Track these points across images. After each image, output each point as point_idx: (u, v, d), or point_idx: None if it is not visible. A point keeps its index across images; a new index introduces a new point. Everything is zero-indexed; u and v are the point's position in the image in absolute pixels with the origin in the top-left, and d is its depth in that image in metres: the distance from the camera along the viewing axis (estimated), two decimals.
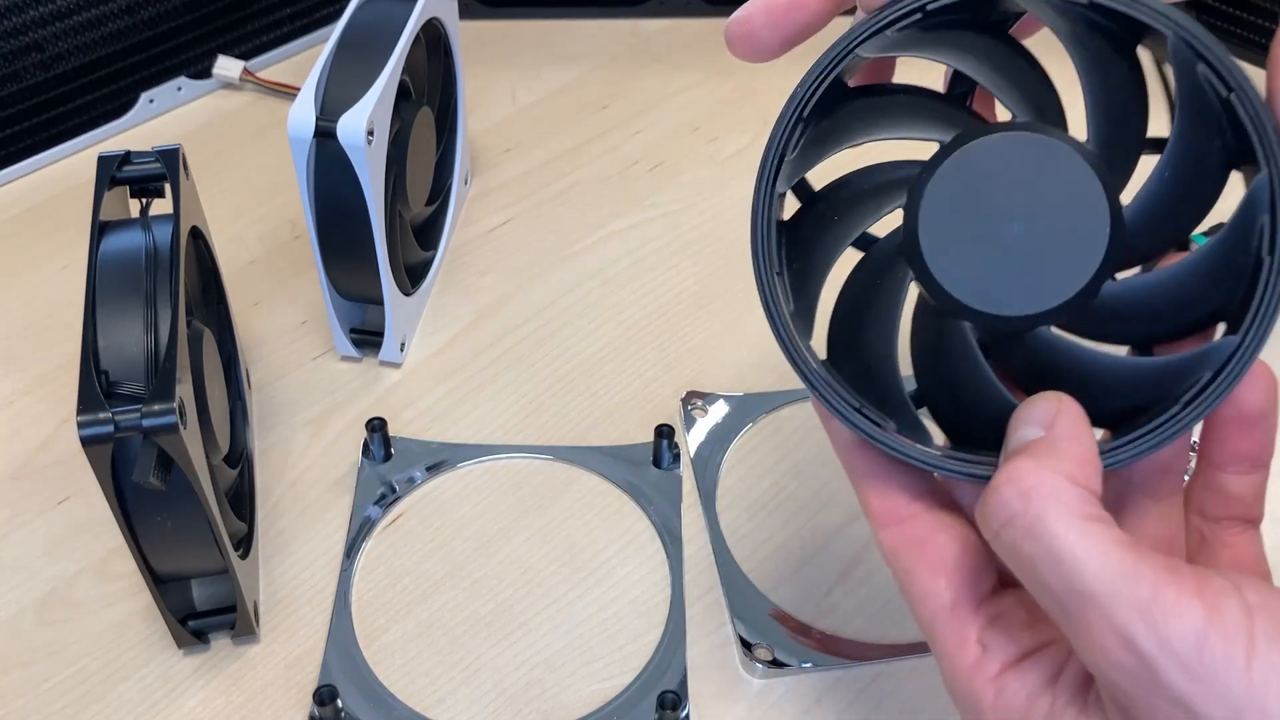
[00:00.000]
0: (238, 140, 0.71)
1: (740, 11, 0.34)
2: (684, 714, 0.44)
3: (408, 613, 0.48)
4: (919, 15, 0.32)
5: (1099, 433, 0.32)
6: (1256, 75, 0.29)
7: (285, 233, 0.65)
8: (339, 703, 0.43)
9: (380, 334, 0.56)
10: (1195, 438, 0.33)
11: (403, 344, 0.57)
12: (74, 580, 0.48)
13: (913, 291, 0.33)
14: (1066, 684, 0.30)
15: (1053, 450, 0.29)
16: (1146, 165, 0.32)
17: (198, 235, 0.49)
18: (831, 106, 0.34)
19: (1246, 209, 0.30)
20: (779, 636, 0.46)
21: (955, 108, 0.34)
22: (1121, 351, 0.33)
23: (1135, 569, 0.27)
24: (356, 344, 0.57)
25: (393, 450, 0.53)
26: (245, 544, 0.47)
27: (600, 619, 0.47)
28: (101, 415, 0.37)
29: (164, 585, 0.43)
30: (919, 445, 0.33)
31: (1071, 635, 0.28)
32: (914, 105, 0.34)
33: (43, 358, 0.58)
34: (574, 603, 0.48)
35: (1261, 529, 0.34)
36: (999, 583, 0.33)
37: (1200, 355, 0.30)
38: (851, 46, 0.32)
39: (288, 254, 0.64)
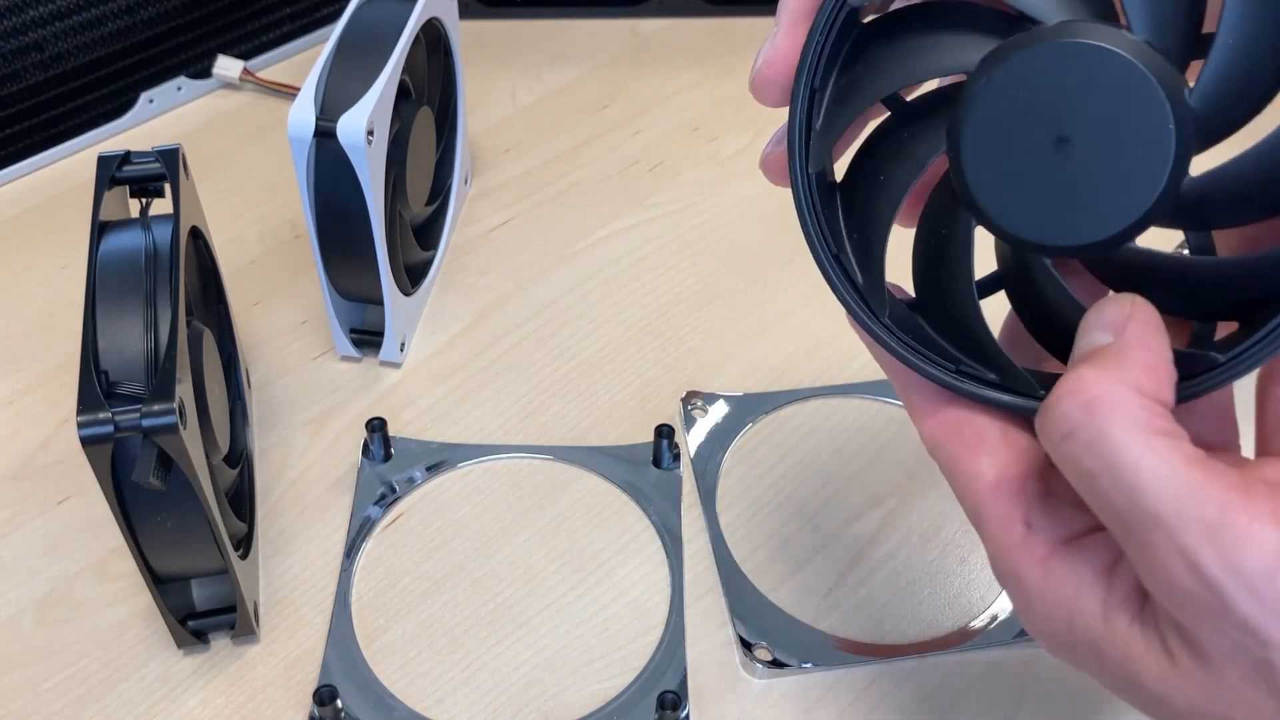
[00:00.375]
0: (238, 140, 0.71)
1: (767, 53, 0.33)
2: (684, 714, 0.44)
3: (408, 613, 0.48)
4: None
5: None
6: None
7: (285, 233, 0.65)
8: (339, 703, 0.43)
9: (380, 334, 0.56)
10: None
11: (403, 344, 0.57)
12: (74, 580, 0.48)
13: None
14: (1122, 582, 0.28)
15: (1121, 357, 0.27)
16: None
17: (197, 235, 0.48)
18: (850, 58, 0.32)
19: None
20: (779, 637, 0.46)
21: (983, 12, 0.30)
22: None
23: (1204, 488, 0.25)
24: (356, 344, 0.57)
25: (392, 450, 0.53)
26: (245, 544, 0.47)
27: (600, 619, 0.47)
28: (101, 415, 0.37)
29: (164, 585, 0.43)
30: (1020, 395, 0.31)
31: (1134, 555, 0.26)
32: (943, 27, 0.31)
33: (42, 358, 0.58)
34: (574, 603, 0.48)
35: None
36: (1048, 461, 0.31)
37: (1262, 260, 0.28)
38: None
39: (287, 254, 0.64)
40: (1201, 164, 0.29)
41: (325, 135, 0.48)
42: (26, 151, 0.69)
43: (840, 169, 0.34)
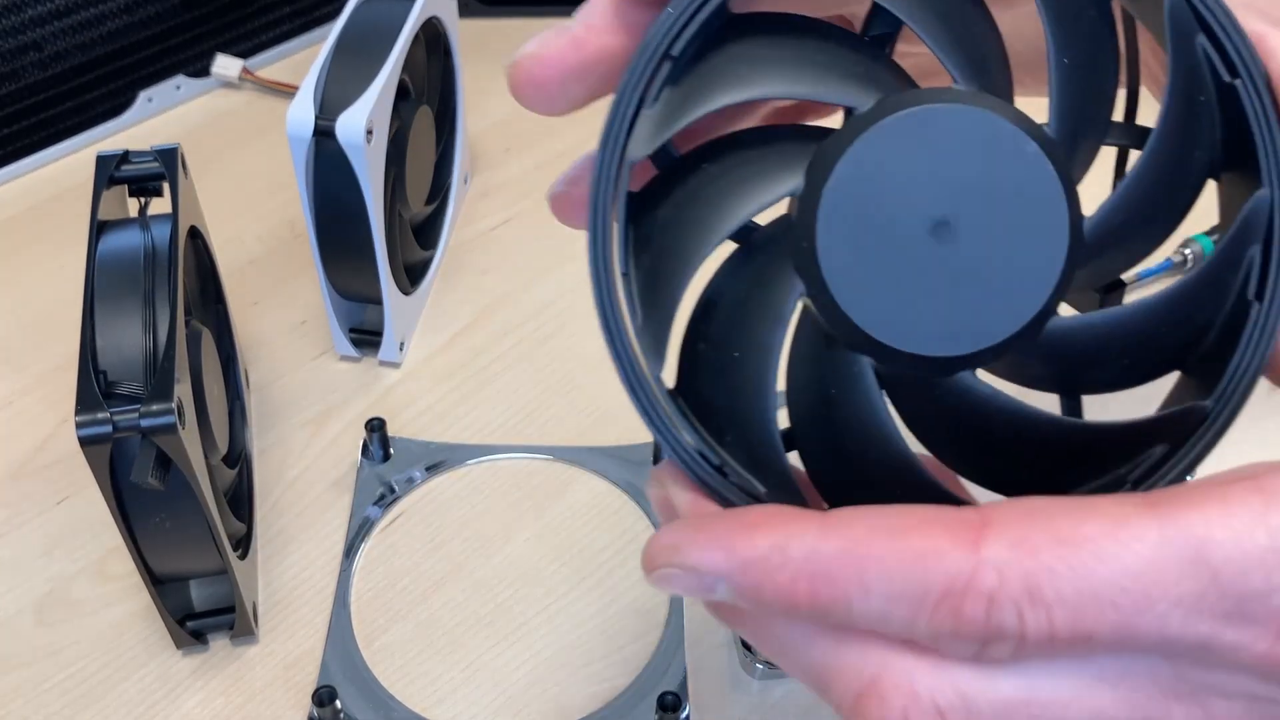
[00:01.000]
0: (236, 139, 0.71)
1: (533, 47, 0.26)
2: (684, 715, 0.44)
3: (407, 613, 0.47)
4: None
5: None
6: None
7: (284, 232, 0.65)
8: (338, 703, 0.43)
9: (379, 334, 0.56)
10: None
11: (402, 344, 0.57)
12: (73, 581, 0.48)
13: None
14: None
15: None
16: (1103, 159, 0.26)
17: (196, 235, 0.48)
18: (711, 44, 0.24)
19: (1237, 236, 0.24)
20: None
21: (872, 58, 0.25)
22: (1043, 401, 0.25)
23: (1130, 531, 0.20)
24: (356, 344, 0.57)
25: (392, 450, 0.53)
26: (244, 544, 0.47)
27: (600, 620, 0.47)
28: (100, 415, 0.37)
29: (163, 586, 0.43)
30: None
31: None
32: (819, 51, 0.25)
33: (41, 358, 0.58)
34: (574, 603, 0.48)
35: None
36: None
37: (1157, 422, 0.24)
38: None
39: (287, 253, 0.63)
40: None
41: (324, 134, 0.48)
42: (25, 151, 0.68)
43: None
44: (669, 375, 0.25)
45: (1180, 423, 0.24)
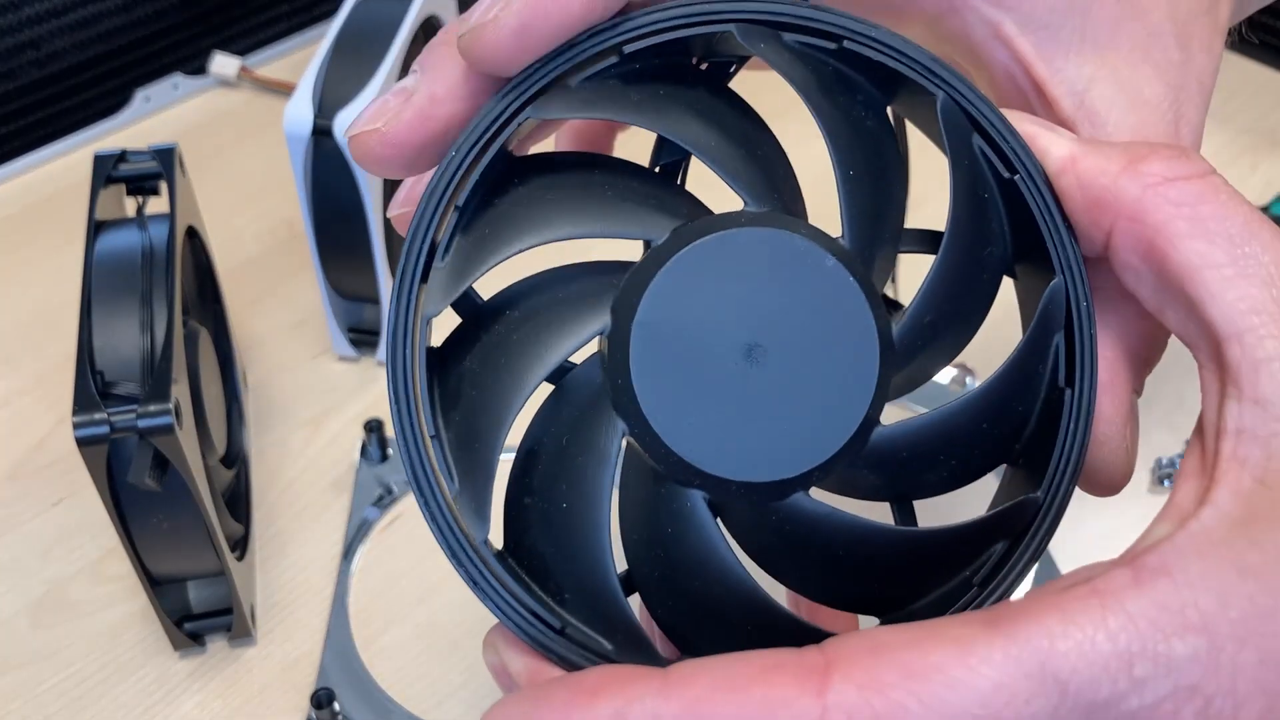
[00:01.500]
0: (234, 138, 0.71)
1: (374, 121, 0.25)
2: None
3: (406, 615, 0.47)
4: (615, 59, 0.24)
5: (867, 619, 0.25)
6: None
7: (282, 231, 0.65)
8: (336, 705, 0.43)
9: (378, 333, 0.55)
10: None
11: None
12: (69, 582, 0.48)
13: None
14: None
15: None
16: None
17: (194, 234, 0.48)
18: (496, 189, 0.24)
19: (1040, 325, 0.24)
20: None
21: (663, 187, 0.25)
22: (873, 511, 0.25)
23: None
24: (354, 343, 0.57)
25: (390, 451, 0.52)
26: (242, 545, 0.47)
27: None
28: (97, 416, 0.37)
29: (160, 587, 0.43)
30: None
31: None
32: (607, 186, 0.24)
33: (38, 358, 0.57)
34: None
35: None
36: None
37: (993, 520, 0.24)
38: (521, 103, 0.24)
39: (285, 253, 0.63)
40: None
41: (322, 133, 0.48)
42: (22, 150, 0.68)
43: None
44: (496, 536, 0.24)
45: (1015, 517, 0.24)
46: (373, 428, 0.52)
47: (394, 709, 0.44)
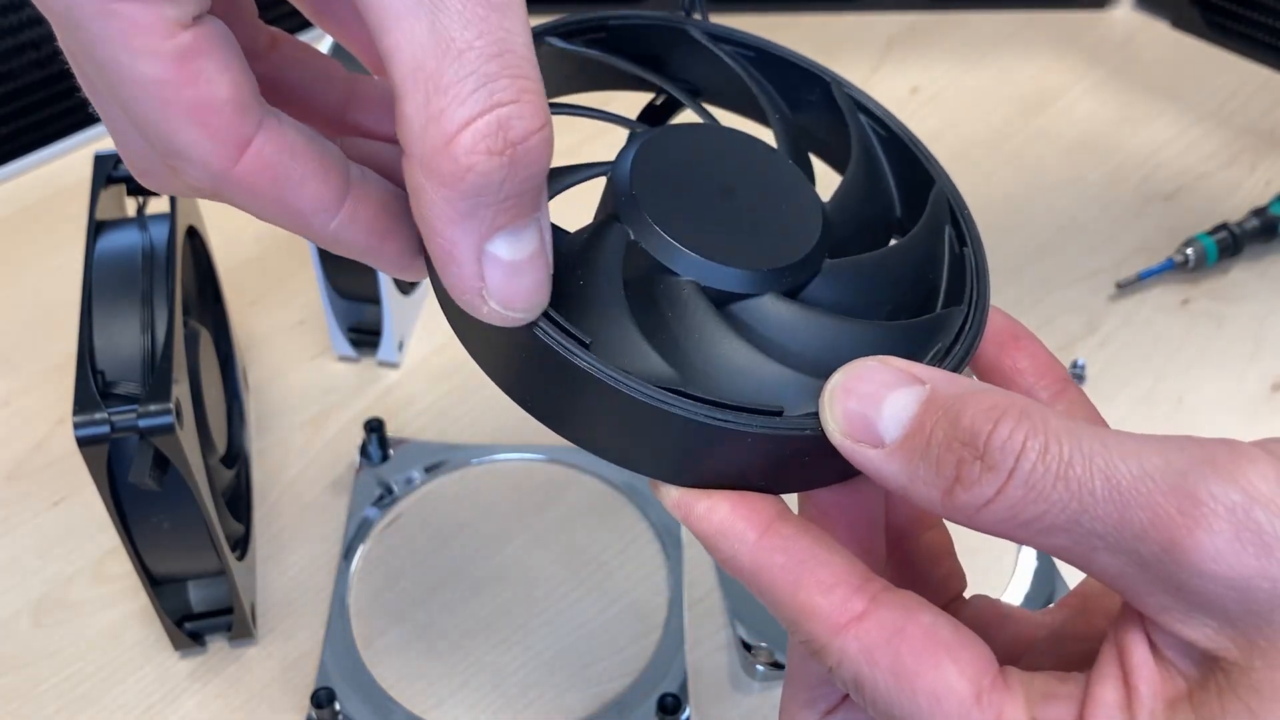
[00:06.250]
0: None
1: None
2: (684, 717, 0.44)
3: (406, 615, 0.47)
4: (603, 33, 0.32)
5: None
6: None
7: (282, 232, 0.65)
8: (336, 705, 0.43)
9: (378, 333, 0.55)
10: None
11: (401, 343, 0.57)
12: (70, 582, 0.48)
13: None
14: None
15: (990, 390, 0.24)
16: None
17: (194, 234, 0.48)
18: None
19: (933, 217, 0.30)
20: (780, 638, 0.46)
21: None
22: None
23: (1174, 442, 0.22)
24: (354, 343, 0.57)
25: (390, 451, 0.52)
26: (242, 545, 0.47)
27: (599, 621, 0.47)
28: (98, 415, 0.37)
29: (160, 587, 0.43)
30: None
31: (1162, 598, 0.22)
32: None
33: (38, 358, 0.57)
34: (573, 605, 0.48)
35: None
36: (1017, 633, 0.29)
37: (936, 320, 0.29)
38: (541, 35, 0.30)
39: (285, 253, 0.63)
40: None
41: None
42: (22, 150, 0.68)
43: None
44: None
45: (948, 322, 0.29)
46: (373, 428, 0.52)
47: (394, 708, 0.44)
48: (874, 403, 0.24)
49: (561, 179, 0.29)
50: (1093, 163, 0.69)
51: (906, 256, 0.30)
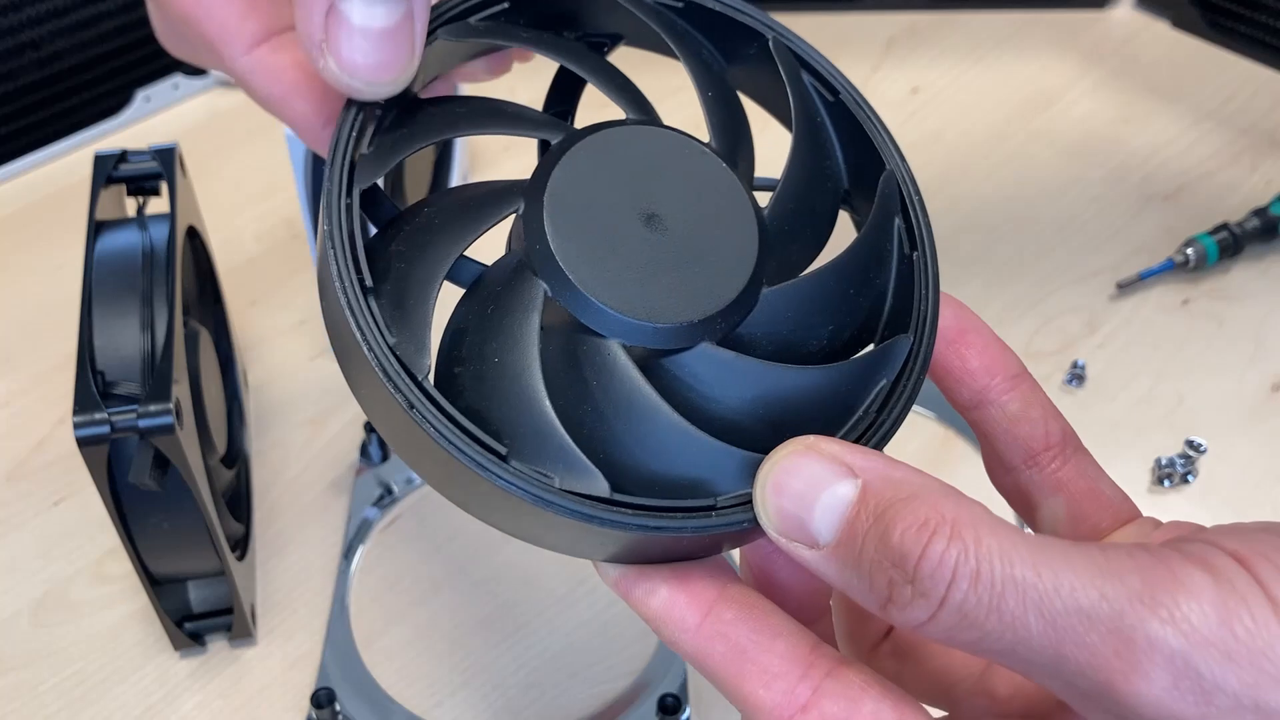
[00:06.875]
0: (234, 139, 0.71)
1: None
2: (684, 717, 0.44)
3: (406, 615, 0.47)
4: (506, 5, 0.28)
5: None
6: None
7: (282, 232, 0.65)
8: (336, 705, 0.43)
9: None
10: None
11: None
12: (70, 582, 0.48)
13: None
14: None
15: (907, 482, 0.23)
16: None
17: (194, 235, 0.48)
18: (411, 109, 0.28)
19: (881, 212, 0.28)
20: None
21: (555, 118, 0.29)
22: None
23: (1107, 558, 0.21)
24: None
25: (390, 451, 0.52)
26: (242, 545, 0.47)
27: (600, 621, 0.47)
28: (98, 416, 0.37)
29: (160, 587, 0.43)
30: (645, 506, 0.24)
31: (1088, 700, 0.22)
32: (506, 106, 0.28)
33: (38, 358, 0.57)
34: (573, 605, 0.48)
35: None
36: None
37: (877, 357, 0.27)
38: (432, 27, 0.27)
39: (285, 253, 0.63)
40: None
41: None
42: (22, 150, 0.68)
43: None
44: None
45: (894, 355, 0.27)
46: (373, 428, 0.52)
47: (394, 709, 0.44)
48: (806, 504, 0.23)
49: (469, 222, 0.26)
50: (1093, 163, 0.69)
51: (849, 267, 0.28)
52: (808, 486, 0.23)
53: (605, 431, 0.25)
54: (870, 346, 0.28)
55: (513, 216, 0.26)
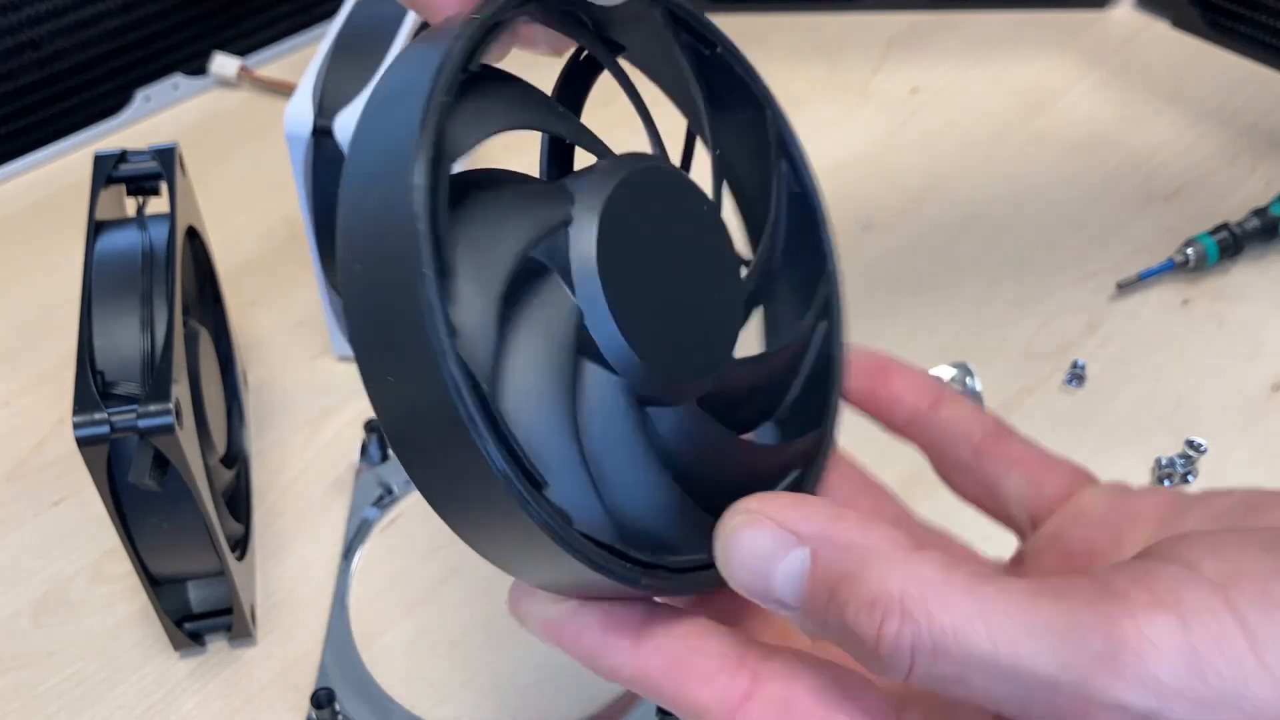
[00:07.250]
0: (234, 138, 0.71)
1: None
2: None
3: (406, 615, 0.47)
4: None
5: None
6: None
7: (282, 232, 0.65)
8: (336, 705, 0.43)
9: None
10: None
11: None
12: (70, 582, 0.48)
13: None
14: None
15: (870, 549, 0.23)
16: None
17: (194, 234, 0.48)
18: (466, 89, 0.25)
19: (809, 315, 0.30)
20: None
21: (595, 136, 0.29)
22: None
23: (1066, 616, 0.21)
24: None
25: (390, 451, 0.52)
26: (242, 545, 0.47)
27: None
28: (97, 416, 0.37)
29: (160, 587, 0.43)
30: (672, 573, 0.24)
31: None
32: (559, 107, 0.29)
33: (38, 358, 0.57)
34: None
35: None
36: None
37: (801, 447, 0.29)
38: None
39: (285, 253, 0.63)
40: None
41: (322, 133, 0.48)
42: (22, 150, 0.68)
43: None
44: None
45: (813, 448, 0.29)
46: (373, 428, 0.52)
47: (394, 709, 0.44)
48: (764, 576, 0.23)
49: (527, 226, 0.24)
50: (1093, 163, 0.69)
51: (773, 365, 0.30)
52: (761, 561, 0.23)
53: (594, 468, 0.24)
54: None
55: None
